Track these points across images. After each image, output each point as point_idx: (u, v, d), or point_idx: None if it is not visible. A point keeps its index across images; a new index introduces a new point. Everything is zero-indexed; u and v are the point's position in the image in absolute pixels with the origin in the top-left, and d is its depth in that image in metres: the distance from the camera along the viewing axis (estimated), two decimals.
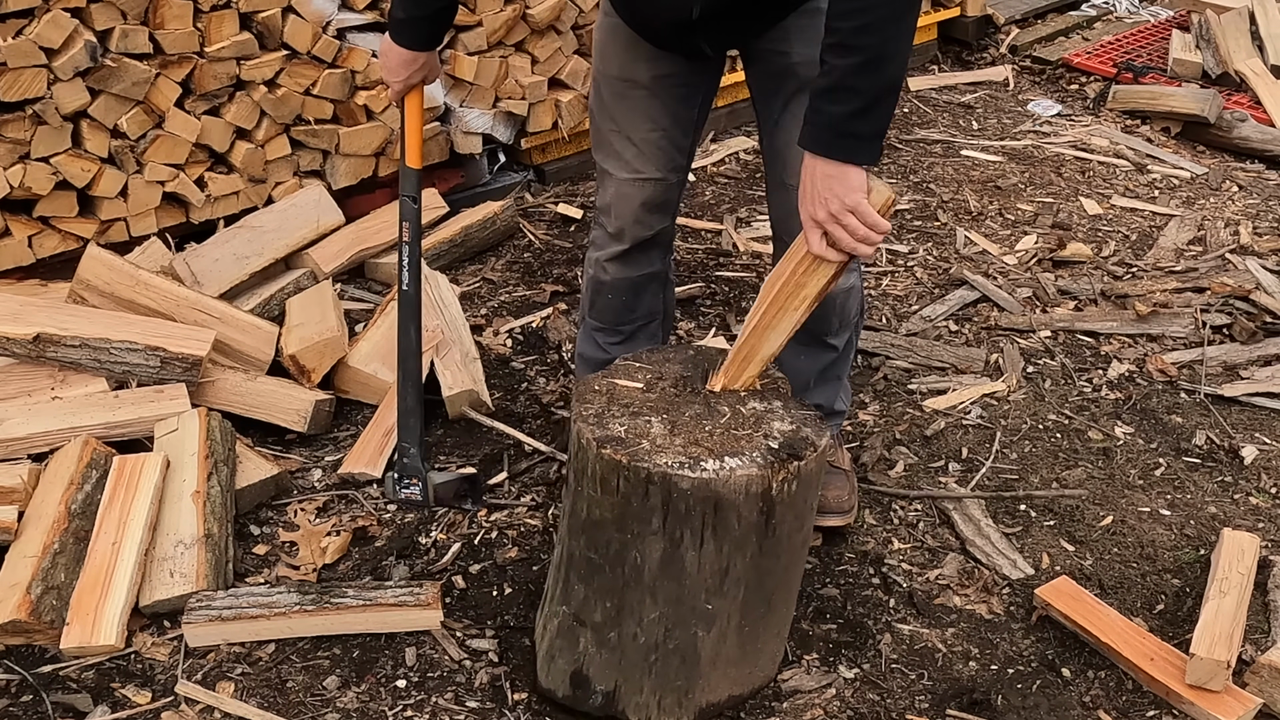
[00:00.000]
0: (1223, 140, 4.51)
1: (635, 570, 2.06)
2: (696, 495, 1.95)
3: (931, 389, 3.17)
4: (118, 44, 3.15)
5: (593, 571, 2.12)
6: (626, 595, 2.09)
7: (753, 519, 2.00)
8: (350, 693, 2.32)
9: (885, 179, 4.26)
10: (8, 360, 2.82)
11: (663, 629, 2.11)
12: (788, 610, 2.28)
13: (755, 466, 1.96)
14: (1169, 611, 2.52)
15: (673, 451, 1.97)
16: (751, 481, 1.96)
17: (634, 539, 2.03)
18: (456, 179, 3.99)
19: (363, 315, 3.48)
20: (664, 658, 2.14)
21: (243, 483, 2.74)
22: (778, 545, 2.07)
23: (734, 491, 1.96)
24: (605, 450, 1.97)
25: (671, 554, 2.02)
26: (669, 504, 1.96)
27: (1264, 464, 2.91)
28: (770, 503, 1.99)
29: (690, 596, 2.07)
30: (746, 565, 2.06)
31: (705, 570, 2.04)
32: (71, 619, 2.35)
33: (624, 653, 2.16)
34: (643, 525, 2.00)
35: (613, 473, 1.98)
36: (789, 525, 2.06)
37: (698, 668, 2.15)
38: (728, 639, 2.14)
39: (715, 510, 1.97)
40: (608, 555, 2.07)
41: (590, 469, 2.02)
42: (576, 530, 2.12)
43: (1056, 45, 5.30)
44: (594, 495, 2.03)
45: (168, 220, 3.44)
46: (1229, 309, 3.42)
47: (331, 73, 3.52)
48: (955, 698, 2.32)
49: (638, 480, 1.96)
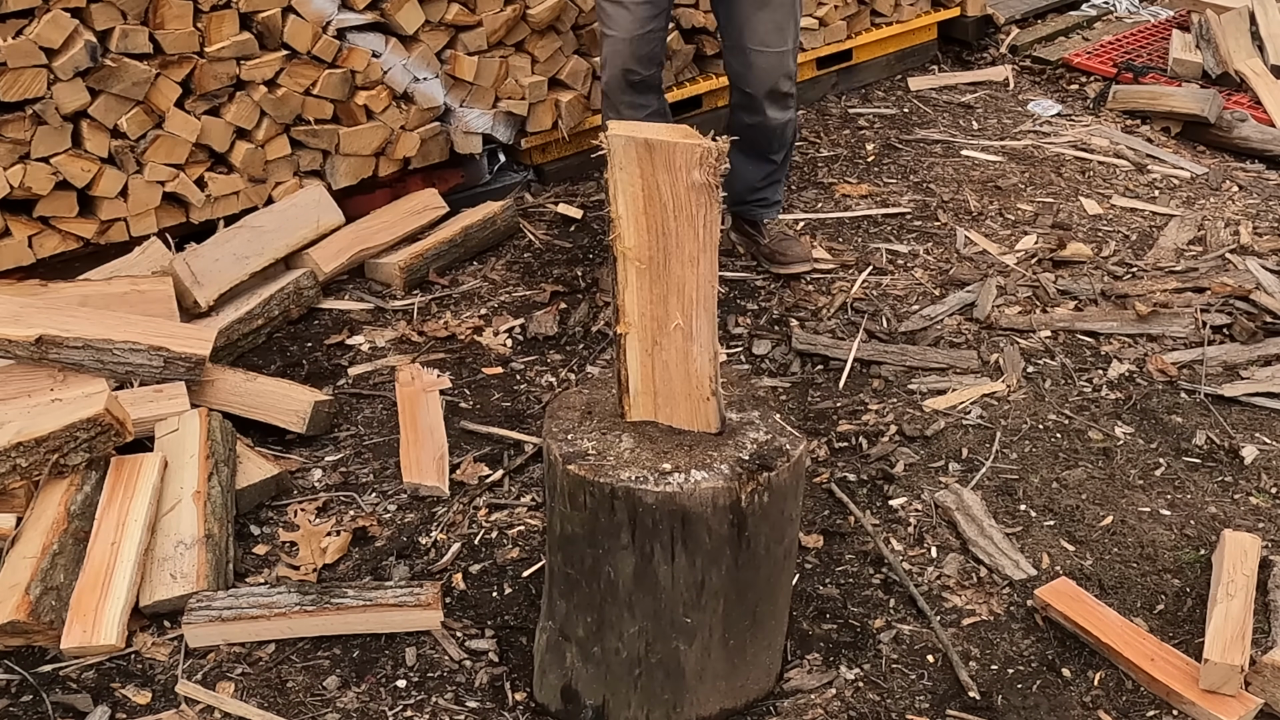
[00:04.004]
0: (1223, 140, 4.50)
1: (610, 585, 2.05)
2: (662, 509, 1.94)
3: (931, 389, 3.16)
4: (118, 44, 3.15)
5: (571, 587, 2.12)
6: (605, 610, 2.09)
7: (724, 532, 1.98)
8: (350, 693, 2.32)
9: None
10: (7, 361, 2.82)
11: (643, 643, 2.10)
12: (777, 623, 2.25)
13: (722, 479, 1.95)
14: (1169, 612, 2.52)
15: (639, 466, 1.96)
16: (718, 494, 1.94)
17: (605, 554, 2.02)
18: (456, 179, 3.99)
19: (361, 316, 3.48)
20: (648, 672, 2.13)
21: (243, 483, 2.74)
22: (754, 558, 2.06)
23: (700, 504, 1.94)
24: (570, 466, 1.97)
25: (644, 568, 2.01)
26: (636, 518, 1.96)
27: (1264, 464, 2.91)
28: (740, 515, 1.98)
29: (667, 611, 2.05)
30: (723, 579, 2.04)
31: (680, 584, 2.02)
32: (72, 619, 2.35)
33: (609, 667, 2.15)
34: (612, 540, 2.00)
35: (579, 488, 1.98)
36: (765, 537, 2.04)
37: (683, 681, 2.14)
38: (712, 653, 2.13)
39: (683, 524, 1.96)
40: (583, 570, 2.07)
41: (559, 485, 2.02)
42: (554, 546, 2.12)
43: (1056, 45, 5.30)
44: (565, 511, 2.03)
45: (168, 220, 3.44)
46: (1229, 309, 3.42)
47: (331, 73, 3.52)
48: (955, 698, 2.32)
49: (603, 495, 1.95)
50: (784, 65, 3.30)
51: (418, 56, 3.69)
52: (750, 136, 3.34)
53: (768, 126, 3.37)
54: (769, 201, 3.61)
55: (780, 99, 3.34)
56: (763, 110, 3.33)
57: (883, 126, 4.66)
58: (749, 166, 3.47)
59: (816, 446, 2.97)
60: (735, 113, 3.45)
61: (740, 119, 3.40)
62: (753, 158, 3.46)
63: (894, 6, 4.90)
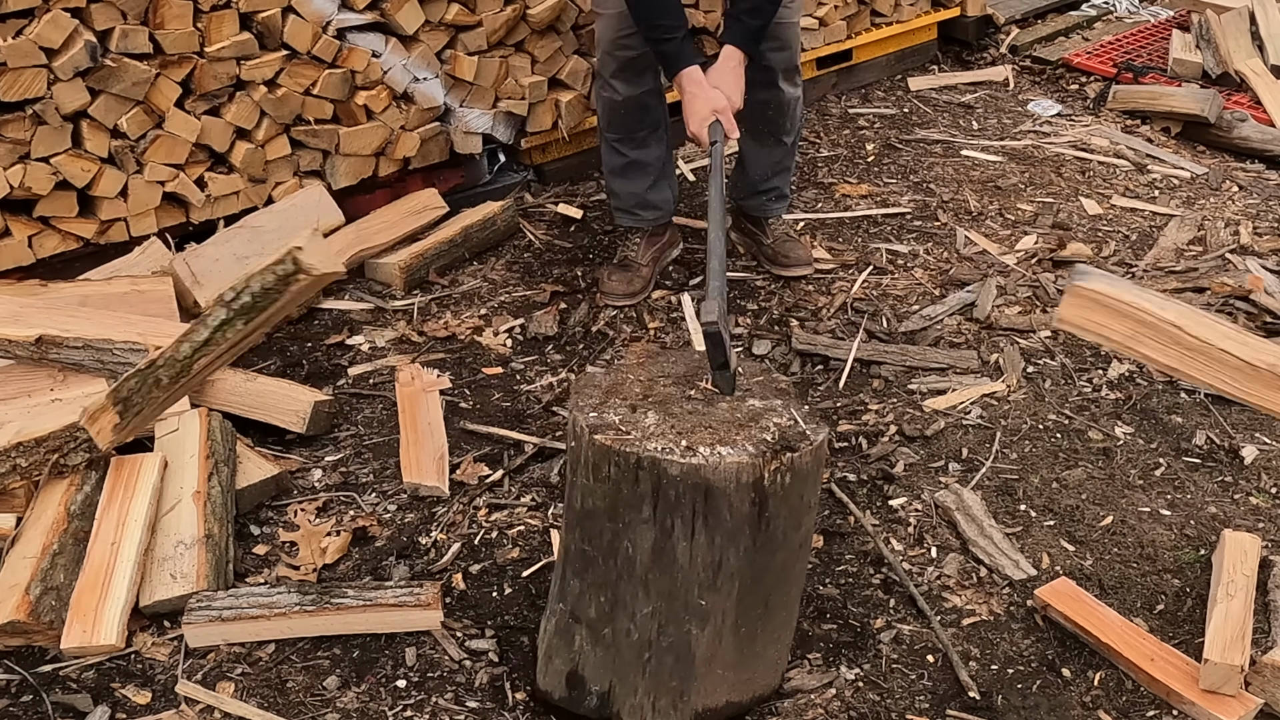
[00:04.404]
0: (1223, 140, 4.50)
1: (628, 562, 2.06)
2: (686, 482, 1.95)
3: (931, 389, 3.16)
4: (118, 44, 3.15)
5: (587, 565, 2.12)
6: (620, 589, 2.09)
7: (744, 510, 2.00)
8: (350, 693, 2.32)
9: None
10: (7, 361, 2.82)
11: (656, 625, 2.10)
12: (788, 615, 2.26)
13: (746, 455, 1.96)
14: (1169, 611, 2.52)
15: (665, 439, 1.98)
16: (742, 470, 1.96)
17: (625, 528, 2.03)
18: (456, 179, 3.99)
19: (361, 316, 3.48)
20: (658, 656, 2.13)
21: (243, 483, 2.74)
22: (772, 541, 2.07)
23: (724, 479, 1.96)
24: (597, 436, 1.99)
25: (663, 544, 2.02)
26: (659, 490, 1.97)
27: (1264, 464, 2.91)
28: (762, 494, 1.99)
29: (683, 591, 2.07)
30: (740, 560, 2.05)
31: (698, 563, 2.04)
32: (71, 619, 2.35)
33: (618, 650, 2.16)
34: (633, 513, 2.01)
35: (604, 459, 1.99)
36: (784, 521, 2.06)
37: (692, 668, 2.15)
38: (723, 639, 2.14)
39: (705, 498, 1.97)
40: (601, 546, 2.08)
41: (584, 456, 2.03)
42: (573, 523, 2.13)
43: (1056, 45, 5.30)
44: (587, 484, 2.04)
45: (168, 220, 3.44)
46: (1229, 309, 3.42)
47: (331, 73, 3.52)
48: (955, 698, 2.32)
49: (628, 466, 1.97)
50: (797, 38, 3.54)
51: (418, 56, 3.69)
52: (763, 115, 3.51)
53: (782, 101, 3.51)
54: (781, 193, 3.69)
55: (793, 73, 3.53)
56: (778, 83, 3.47)
57: (883, 126, 4.66)
58: (761, 152, 3.60)
59: None
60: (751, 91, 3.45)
61: (756, 95, 3.45)
62: (765, 142, 3.58)
63: (894, 6, 4.90)
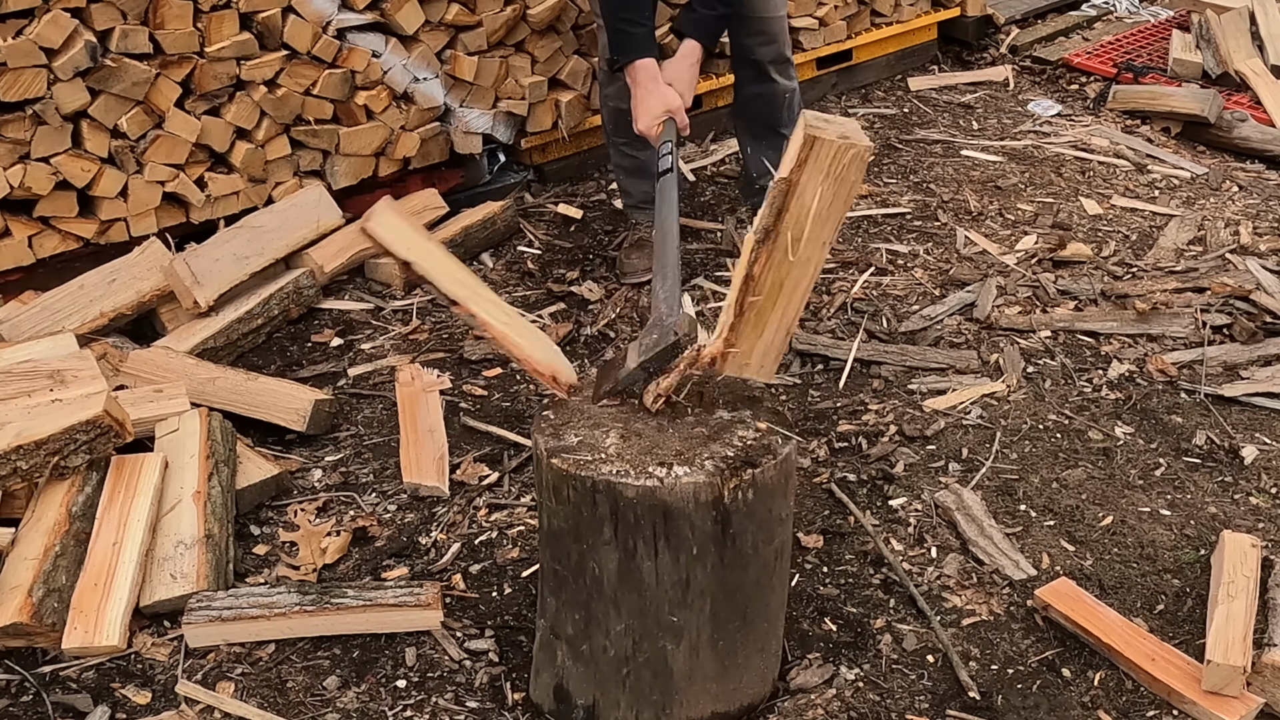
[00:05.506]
0: (1223, 140, 4.50)
1: (595, 581, 2.05)
2: (644, 504, 1.93)
3: (931, 389, 3.16)
4: (118, 44, 3.15)
5: (560, 583, 2.12)
6: (592, 607, 2.08)
7: (707, 528, 1.97)
8: (350, 693, 2.32)
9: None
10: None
11: (630, 641, 2.09)
12: (770, 626, 2.23)
13: (704, 475, 1.93)
14: (1169, 611, 2.52)
15: (622, 461, 1.96)
16: (700, 489, 1.93)
17: (590, 549, 2.02)
18: (456, 179, 3.99)
19: (361, 316, 3.48)
20: (636, 671, 2.12)
21: (243, 483, 2.74)
22: (742, 556, 2.04)
23: (682, 500, 1.93)
24: (554, 460, 1.97)
25: (628, 565, 2.00)
26: (617, 513, 1.95)
27: (1264, 464, 2.91)
28: (724, 512, 1.97)
29: (653, 609, 2.05)
30: (709, 577, 2.03)
31: (665, 581, 2.02)
32: (73, 619, 2.35)
33: (597, 666, 2.15)
34: (595, 535, 1.99)
35: (563, 482, 1.98)
36: (752, 536, 2.03)
37: (672, 681, 2.13)
38: (701, 653, 2.12)
39: (665, 519, 1.95)
40: (570, 566, 2.07)
41: (545, 479, 2.02)
42: (543, 541, 2.13)
43: (1056, 45, 5.30)
44: (551, 505, 2.04)
45: (168, 220, 3.44)
46: (1229, 309, 3.42)
47: (331, 73, 3.52)
48: (955, 698, 2.32)
49: (585, 489, 1.95)
50: (784, 30, 3.60)
51: (418, 56, 3.69)
52: (759, 109, 3.65)
53: (776, 93, 3.61)
54: None
55: (784, 64, 3.60)
56: (770, 76, 3.57)
57: (883, 126, 4.66)
58: (761, 145, 3.67)
59: (816, 446, 2.98)
60: (743, 87, 3.69)
61: (749, 91, 3.62)
62: (765, 136, 3.67)
63: (894, 6, 4.90)
